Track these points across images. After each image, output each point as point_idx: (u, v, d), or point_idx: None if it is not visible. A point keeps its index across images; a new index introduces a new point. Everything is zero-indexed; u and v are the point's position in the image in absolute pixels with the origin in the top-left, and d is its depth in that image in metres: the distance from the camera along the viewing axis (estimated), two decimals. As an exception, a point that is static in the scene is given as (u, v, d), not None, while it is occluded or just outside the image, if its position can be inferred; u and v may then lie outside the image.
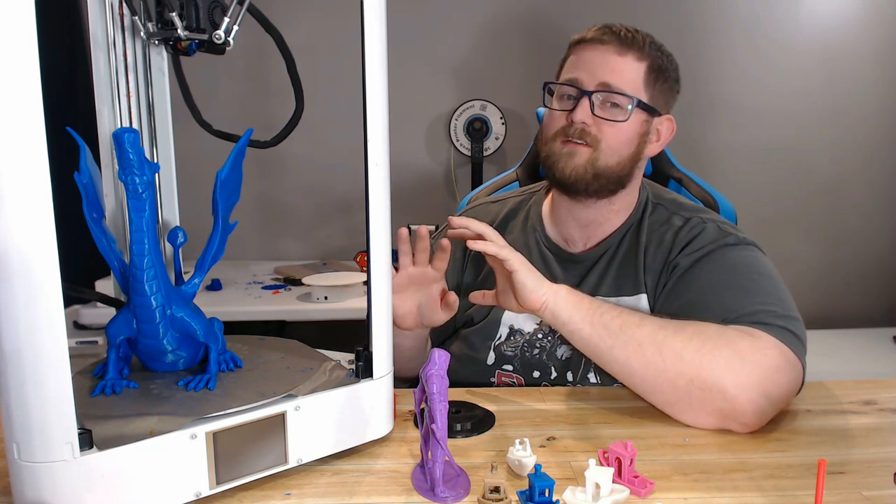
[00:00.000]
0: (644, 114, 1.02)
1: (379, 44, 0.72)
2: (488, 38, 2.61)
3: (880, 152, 2.66)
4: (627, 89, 1.00)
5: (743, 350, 0.84)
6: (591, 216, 1.08)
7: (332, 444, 0.76)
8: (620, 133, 1.01)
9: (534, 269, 0.93)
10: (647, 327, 0.88)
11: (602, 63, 1.01)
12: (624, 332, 0.88)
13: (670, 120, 1.07)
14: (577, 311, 0.90)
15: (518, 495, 0.68)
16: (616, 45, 1.01)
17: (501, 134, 2.58)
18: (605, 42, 1.01)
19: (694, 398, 0.84)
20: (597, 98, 1.00)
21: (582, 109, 1.00)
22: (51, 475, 0.59)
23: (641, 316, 0.90)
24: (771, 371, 0.84)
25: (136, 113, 0.81)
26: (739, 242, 1.00)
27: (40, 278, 0.55)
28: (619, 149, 1.01)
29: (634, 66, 1.01)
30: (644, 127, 1.03)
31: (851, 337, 2.43)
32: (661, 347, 0.86)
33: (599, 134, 1.01)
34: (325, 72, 2.30)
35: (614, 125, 1.00)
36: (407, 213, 2.37)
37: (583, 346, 0.92)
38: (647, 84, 1.02)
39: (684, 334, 0.86)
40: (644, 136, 1.04)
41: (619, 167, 1.02)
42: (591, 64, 1.01)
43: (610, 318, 0.89)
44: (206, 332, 0.76)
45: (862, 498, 0.69)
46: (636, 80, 1.01)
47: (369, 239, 0.75)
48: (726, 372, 0.83)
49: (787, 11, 2.58)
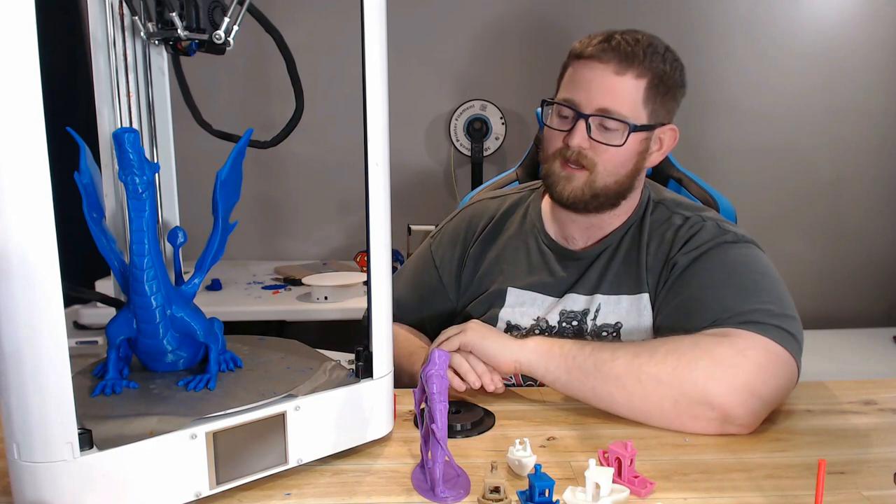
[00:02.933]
0: (643, 133, 1.01)
1: (379, 44, 0.72)
2: (488, 39, 2.61)
3: (880, 152, 2.66)
4: (625, 111, 0.98)
5: (719, 356, 0.84)
6: (592, 222, 1.08)
7: (332, 444, 0.76)
8: (617, 156, 1.00)
9: (488, 333, 0.94)
10: (620, 359, 0.87)
11: (599, 85, 0.99)
12: (600, 371, 0.87)
13: (673, 129, 1.06)
14: (551, 361, 0.90)
15: (518, 495, 0.68)
16: (615, 63, 0.98)
17: (501, 134, 2.58)
18: (605, 61, 0.98)
19: (685, 415, 0.84)
20: (593, 121, 0.99)
21: (579, 134, 0.99)
22: (51, 475, 0.59)
23: (613, 348, 0.89)
24: (753, 370, 0.84)
25: (136, 113, 0.81)
26: (739, 241, 1.00)
27: (40, 278, 0.55)
28: (616, 170, 1.01)
29: (633, 85, 0.99)
30: (643, 145, 1.02)
31: (851, 337, 2.43)
32: (639, 376, 0.85)
33: (596, 157, 1.00)
34: (325, 72, 2.30)
35: (611, 148, 1.00)
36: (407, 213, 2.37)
37: (565, 392, 0.91)
38: (647, 101, 1.00)
39: (658, 356, 0.86)
40: (643, 153, 1.03)
41: (616, 185, 1.02)
42: (590, 85, 0.99)
43: (583, 359, 0.88)
44: (206, 332, 0.76)
45: (862, 498, 0.69)
46: (635, 99, 0.99)
47: (369, 239, 0.75)
48: (708, 381, 0.83)
49: (787, 11, 2.57)
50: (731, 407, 0.82)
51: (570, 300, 1.08)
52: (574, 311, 1.07)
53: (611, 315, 1.05)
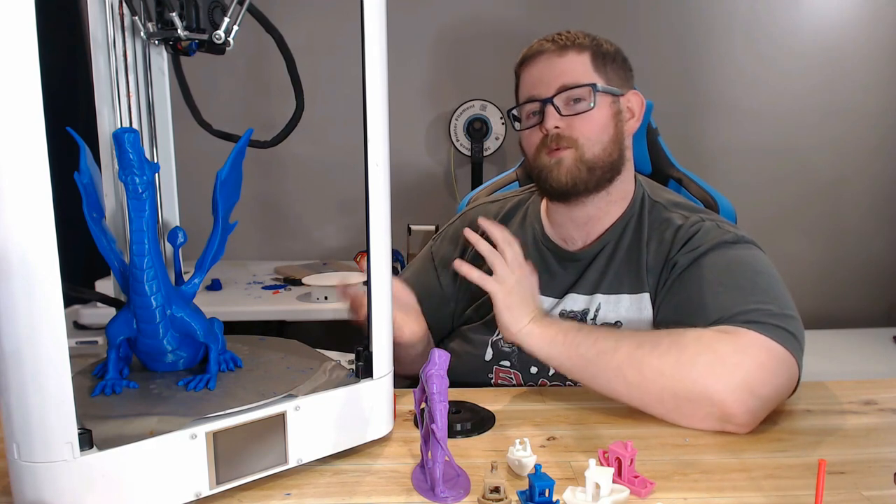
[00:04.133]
0: (608, 97, 1.04)
1: (379, 44, 0.72)
2: (488, 38, 2.61)
3: (880, 152, 2.66)
4: (581, 80, 1.03)
5: (722, 352, 0.84)
6: (590, 213, 1.08)
7: (332, 444, 0.76)
8: (593, 122, 1.03)
9: (513, 304, 0.93)
10: (623, 349, 0.87)
11: (549, 70, 1.04)
12: (601, 359, 0.87)
13: (636, 94, 1.09)
14: (553, 347, 0.90)
15: (518, 495, 0.68)
16: (554, 48, 1.05)
17: (501, 134, 2.58)
18: (545, 50, 1.05)
19: (684, 409, 0.84)
20: (559, 101, 1.02)
21: (551, 117, 1.03)
22: (51, 475, 0.59)
23: (616, 338, 0.89)
24: (754, 369, 0.83)
25: (136, 113, 0.81)
26: (738, 241, 1.00)
27: (40, 278, 0.55)
28: (599, 136, 1.03)
29: (578, 59, 1.04)
30: (613, 108, 1.05)
31: (851, 337, 2.43)
32: (640, 367, 0.85)
33: (573, 132, 1.03)
34: (325, 72, 2.30)
35: (584, 117, 1.02)
36: (407, 213, 2.37)
37: (568, 375, 0.92)
38: (597, 70, 1.04)
39: (661, 348, 0.86)
40: (617, 115, 1.06)
41: (605, 153, 1.04)
42: (541, 75, 1.05)
43: (586, 347, 0.89)
44: (206, 332, 0.76)
45: (862, 498, 0.69)
46: (585, 70, 1.04)
47: (369, 239, 0.75)
48: (708, 377, 0.83)
49: (787, 11, 2.58)
50: (728, 404, 0.82)
51: (570, 300, 1.08)
52: (574, 311, 1.07)
53: (611, 314, 1.05)
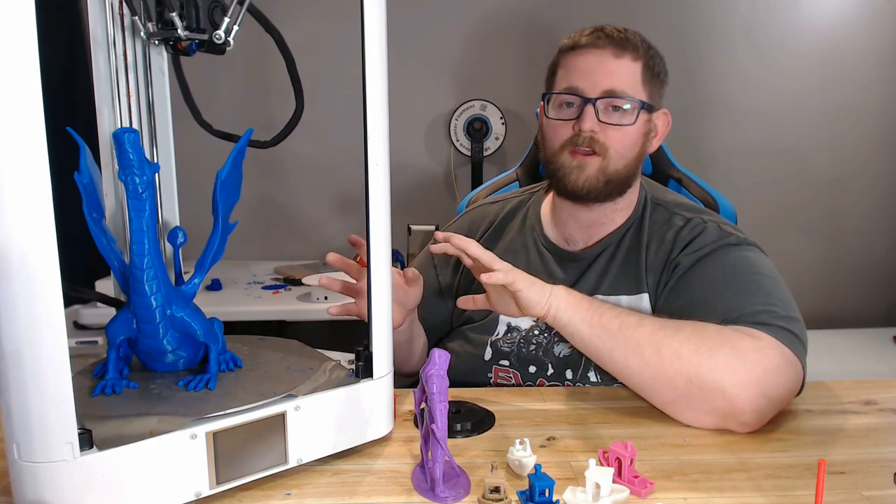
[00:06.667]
0: (647, 114, 1.03)
1: (379, 44, 0.72)
2: (488, 38, 2.61)
3: (880, 152, 2.66)
4: (630, 91, 1.00)
5: (742, 349, 0.84)
6: (595, 217, 1.08)
7: (332, 444, 0.76)
8: (627, 137, 1.01)
9: (535, 280, 0.91)
10: (645, 328, 0.87)
11: (601, 69, 1.00)
12: (622, 333, 0.88)
13: (666, 114, 1.08)
14: (577, 313, 0.90)
15: (518, 495, 0.68)
16: (612, 48, 1.00)
17: (501, 134, 2.58)
18: (601, 46, 1.01)
19: (693, 398, 0.84)
20: (601, 104, 1.00)
21: (589, 118, 1.00)
22: (51, 475, 0.59)
23: (640, 316, 0.90)
24: (770, 370, 0.84)
25: (136, 113, 0.81)
26: (741, 243, 1.00)
27: (40, 278, 0.55)
28: (626, 152, 1.02)
29: (632, 67, 1.01)
30: (647, 126, 1.04)
31: (851, 337, 2.43)
32: (659, 347, 0.85)
33: (607, 140, 1.01)
34: (325, 72, 2.30)
35: (621, 129, 1.01)
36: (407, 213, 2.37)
37: (582, 347, 0.92)
38: (644, 83, 1.02)
39: (683, 334, 0.86)
40: (647, 134, 1.05)
41: (626, 169, 1.03)
42: (590, 70, 1.01)
43: (608, 318, 0.89)
44: (206, 332, 0.76)
45: (862, 498, 0.69)
46: (635, 81, 1.01)
47: (369, 239, 0.75)
48: (725, 371, 0.83)
49: (787, 11, 2.57)
50: (740, 401, 0.82)
51: (569, 301, 1.08)
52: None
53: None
